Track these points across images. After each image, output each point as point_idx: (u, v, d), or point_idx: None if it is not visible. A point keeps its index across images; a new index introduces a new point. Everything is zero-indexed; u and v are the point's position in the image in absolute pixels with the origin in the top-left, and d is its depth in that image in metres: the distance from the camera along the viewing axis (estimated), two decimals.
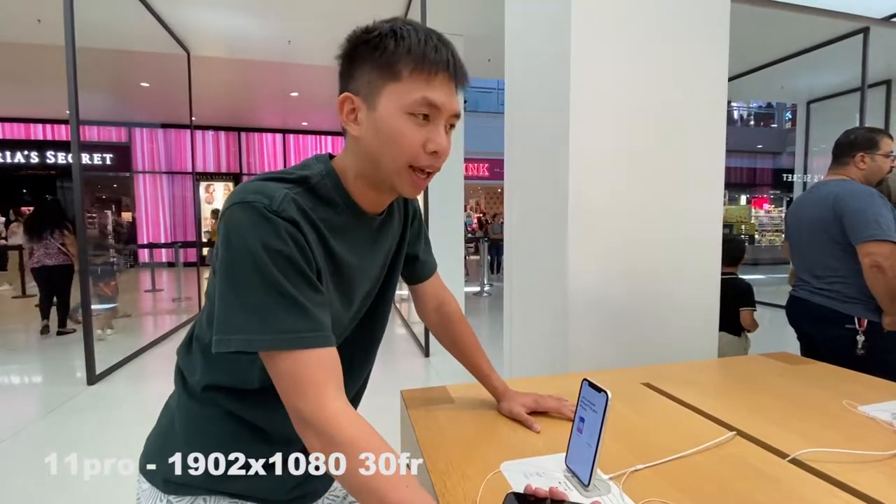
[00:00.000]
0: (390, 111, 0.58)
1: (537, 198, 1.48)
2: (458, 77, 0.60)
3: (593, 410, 0.62)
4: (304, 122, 10.30)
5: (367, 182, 0.63)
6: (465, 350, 0.89)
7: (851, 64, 4.55)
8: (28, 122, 9.88)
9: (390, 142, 0.58)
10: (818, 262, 1.73)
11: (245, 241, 0.53)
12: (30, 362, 3.84)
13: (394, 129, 0.58)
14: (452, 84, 0.59)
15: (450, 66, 0.58)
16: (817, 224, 1.71)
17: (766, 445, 0.74)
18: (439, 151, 0.59)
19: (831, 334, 1.67)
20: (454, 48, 0.60)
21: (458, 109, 0.61)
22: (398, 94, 0.57)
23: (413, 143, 0.58)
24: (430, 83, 0.57)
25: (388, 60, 0.57)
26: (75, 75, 3.12)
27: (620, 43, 1.28)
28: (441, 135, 0.59)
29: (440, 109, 0.58)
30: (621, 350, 1.33)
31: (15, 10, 4.15)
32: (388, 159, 0.59)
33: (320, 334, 0.55)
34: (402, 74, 0.57)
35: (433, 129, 0.59)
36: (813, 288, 1.75)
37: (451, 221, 4.67)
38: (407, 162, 0.59)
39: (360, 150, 0.61)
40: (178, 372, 0.70)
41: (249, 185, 0.57)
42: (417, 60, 0.56)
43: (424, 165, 0.60)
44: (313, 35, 4.84)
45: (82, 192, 3.26)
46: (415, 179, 0.61)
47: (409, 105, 0.57)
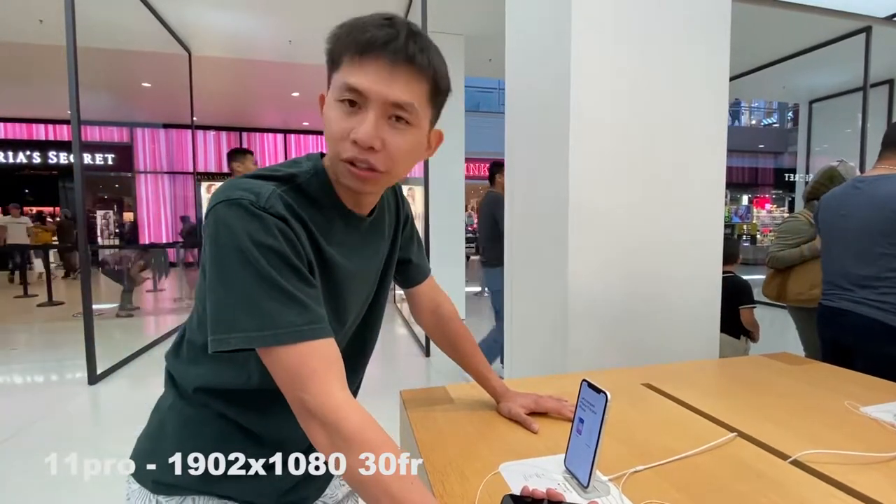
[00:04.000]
0: (328, 101, 0.57)
1: (537, 198, 1.47)
2: (401, 58, 0.53)
3: (592, 411, 0.61)
4: (306, 122, 10.32)
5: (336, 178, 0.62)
6: (462, 352, 0.88)
7: (853, 63, 4.54)
8: (30, 123, 9.92)
9: (326, 131, 0.57)
10: (869, 270, 1.51)
11: (234, 238, 0.52)
12: (31, 362, 3.85)
13: (327, 117, 0.57)
14: (396, 68, 0.53)
15: (385, 44, 0.52)
16: (873, 227, 1.49)
17: (767, 447, 0.73)
18: (358, 140, 0.53)
19: (882, 351, 1.45)
20: (409, 30, 0.54)
21: (399, 97, 0.54)
22: (335, 83, 0.56)
23: (336, 131, 0.55)
24: (362, 67, 0.53)
25: (333, 50, 0.56)
26: (77, 75, 3.13)
27: (621, 42, 1.28)
28: (367, 123, 0.53)
29: (365, 95, 0.53)
30: (621, 350, 1.32)
31: (17, 10, 4.17)
32: (329, 150, 0.58)
33: (318, 326, 0.54)
34: (341, 61, 0.55)
35: (360, 117, 0.54)
36: (858, 298, 1.53)
37: (451, 221, 4.68)
38: (336, 152, 0.56)
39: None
40: (167, 375, 0.69)
41: (234, 182, 0.56)
42: (351, 44, 0.54)
43: (349, 157, 0.55)
44: (314, 35, 4.84)
45: (84, 192, 3.27)
46: (349, 170, 0.56)
47: (336, 91, 0.55)
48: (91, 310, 3.32)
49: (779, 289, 2.42)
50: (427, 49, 0.55)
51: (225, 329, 0.52)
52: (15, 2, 4.01)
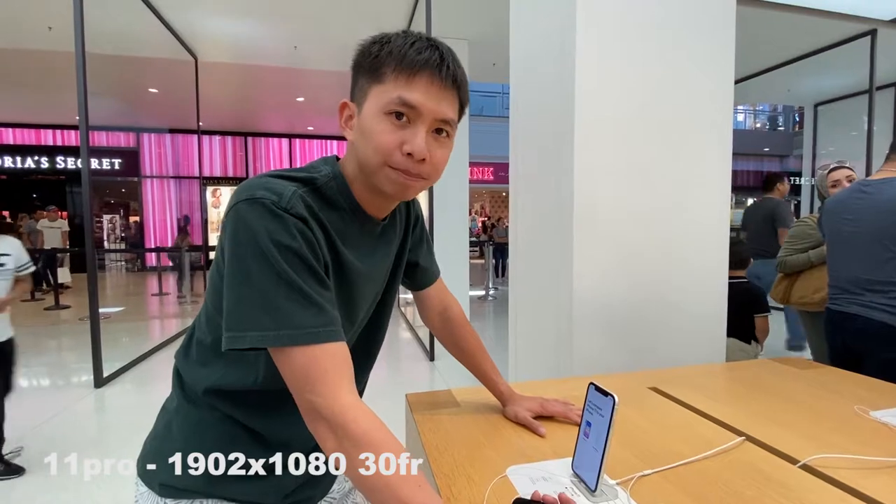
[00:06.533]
0: (372, 112, 0.58)
1: (542, 201, 1.47)
2: (447, 78, 0.58)
3: (600, 415, 0.61)
4: (310, 127, 10.37)
5: (363, 185, 0.63)
6: (470, 354, 0.88)
7: (859, 66, 4.51)
8: (39, 128, 10.02)
9: (368, 141, 0.58)
10: (878, 274, 1.50)
11: (255, 238, 0.53)
12: (37, 365, 3.87)
13: (371, 128, 0.58)
14: (441, 87, 0.58)
15: (434, 65, 0.57)
16: (881, 231, 1.48)
17: (776, 451, 0.73)
18: (414, 153, 0.57)
19: (892, 355, 1.44)
20: (448, 52, 0.59)
21: (445, 114, 0.59)
22: (379, 96, 0.58)
23: (387, 143, 0.57)
24: (410, 83, 0.56)
25: (374, 64, 0.58)
26: (85, 81, 3.17)
27: (625, 46, 1.28)
28: (418, 136, 0.57)
29: (418, 110, 0.57)
30: (628, 354, 1.32)
31: (27, 18, 4.22)
32: (368, 159, 0.59)
33: (333, 329, 0.55)
34: (385, 77, 0.57)
35: (412, 130, 0.58)
36: (867, 302, 1.52)
37: (455, 225, 4.68)
38: (382, 160, 0.58)
39: (355, 154, 0.62)
40: (175, 375, 0.70)
41: (256, 181, 0.57)
42: (398, 60, 0.56)
43: (401, 165, 0.58)
44: (319, 40, 4.89)
45: (91, 197, 3.30)
46: (394, 176, 0.59)
47: (386, 104, 0.57)
48: (97, 313, 3.34)
49: (784, 292, 2.42)
50: (460, 67, 0.60)
51: (241, 327, 0.53)
52: (25, 9, 4.07)
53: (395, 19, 4.33)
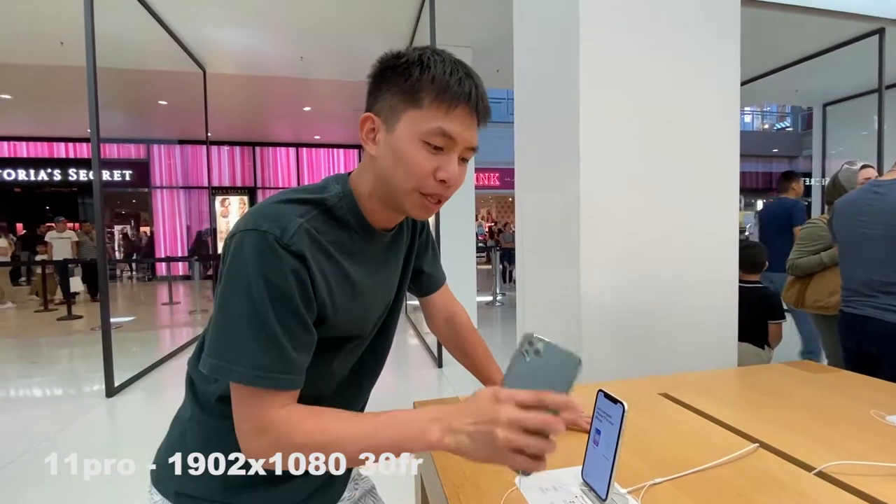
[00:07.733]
0: (406, 136, 0.58)
1: (548, 207, 1.47)
2: (480, 111, 0.60)
3: (609, 422, 0.61)
4: (317, 136, 10.46)
5: (380, 200, 0.64)
6: (477, 361, 0.88)
7: (867, 66, 4.47)
8: (51, 141, 10.20)
9: (402, 165, 0.59)
10: (893, 276, 1.47)
11: (245, 270, 0.54)
12: (49, 374, 3.91)
13: (407, 153, 0.59)
14: (473, 118, 0.60)
15: (471, 99, 0.58)
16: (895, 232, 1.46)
17: (791, 458, 0.71)
18: (448, 181, 0.60)
19: None
20: (479, 82, 0.61)
21: (475, 143, 0.61)
22: (416, 121, 0.58)
23: (423, 169, 0.59)
24: (449, 114, 0.58)
25: (412, 87, 0.58)
26: (96, 95, 3.22)
27: (630, 50, 1.28)
28: (453, 164, 0.59)
29: (455, 141, 0.59)
30: (637, 360, 1.31)
31: (39, 33, 4.32)
32: (398, 181, 0.60)
33: (288, 377, 0.56)
34: (423, 102, 0.58)
35: (446, 158, 0.59)
36: (882, 304, 1.50)
37: (462, 231, 4.68)
38: (415, 186, 0.60)
39: (375, 169, 0.62)
40: (189, 382, 0.70)
41: (266, 208, 0.58)
42: (439, 90, 0.57)
43: (432, 192, 0.60)
44: (324, 51, 4.93)
45: (103, 208, 3.35)
46: (423, 203, 0.61)
47: (425, 133, 0.58)
48: (109, 323, 3.37)
49: (797, 295, 2.37)
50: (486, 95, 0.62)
51: (209, 351, 0.56)
52: (37, 25, 4.16)
53: (399, 29, 4.36)
